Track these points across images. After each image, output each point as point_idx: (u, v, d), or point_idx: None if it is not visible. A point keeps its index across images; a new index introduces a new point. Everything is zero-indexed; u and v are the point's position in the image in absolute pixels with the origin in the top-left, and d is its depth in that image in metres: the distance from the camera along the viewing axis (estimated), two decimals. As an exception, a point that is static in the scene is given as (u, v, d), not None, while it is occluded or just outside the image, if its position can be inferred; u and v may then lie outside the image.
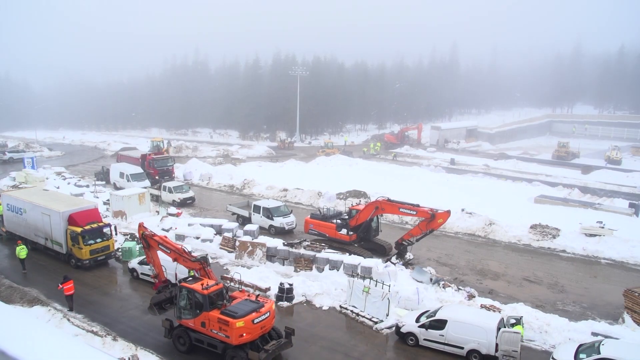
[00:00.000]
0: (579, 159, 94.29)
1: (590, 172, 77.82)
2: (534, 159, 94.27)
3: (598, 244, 40.49)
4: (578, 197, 60.90)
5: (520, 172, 78.50)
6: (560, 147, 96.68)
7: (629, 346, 22.92)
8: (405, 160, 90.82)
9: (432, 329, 24.96)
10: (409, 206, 34.81)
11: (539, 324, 26.70)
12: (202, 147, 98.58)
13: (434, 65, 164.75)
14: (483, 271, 36.07)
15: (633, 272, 36.63)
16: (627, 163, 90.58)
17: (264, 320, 23.18)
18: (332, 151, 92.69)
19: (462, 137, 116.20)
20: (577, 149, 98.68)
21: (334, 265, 33.50)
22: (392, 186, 57.55)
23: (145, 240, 27.76)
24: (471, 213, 46.85)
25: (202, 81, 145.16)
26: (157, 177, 61.85)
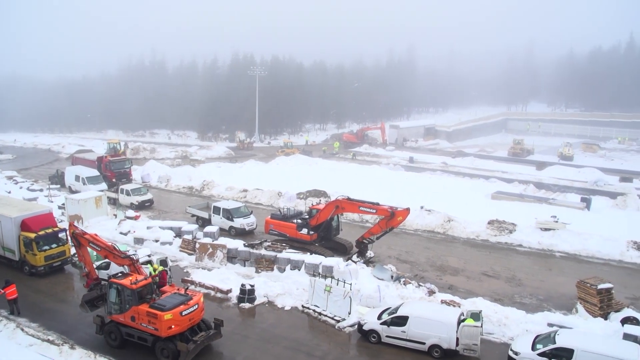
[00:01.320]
0: (533, 155, 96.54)
1: (544, 169, 79.82)
2: (490, 156, 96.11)
3: (552, 238, 41.65)
4: (533, 193, 62.35)
5: (477, 169, 79.91)
6: (515, 145, 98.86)
7: (582, 335, 24.07)
8: (364, 159, 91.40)
9: (394, 326, 25.19)
10: (368, 205, 35.09)
11: (498, 317, 27.31)
12: (160, 148, 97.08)
13: (392, 65, 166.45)
14: (443, 267, 36.62)
15: (585, 264, 37.80)
16: (578, 159, 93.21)
17: (193, 312, 23.85)
18: (292, 151, 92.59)
19: (420, 136, 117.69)
20: (532, 146, 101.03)
21: (295, 265, 33.48)
22: (352, 185, 57.82)
23: (76, 238, 28.04)
24: (430, 210, 47.48)
25: (160, 81, 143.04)
26: (114, 180, 60.66)
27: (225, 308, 29.50)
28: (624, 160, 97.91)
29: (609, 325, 26.43)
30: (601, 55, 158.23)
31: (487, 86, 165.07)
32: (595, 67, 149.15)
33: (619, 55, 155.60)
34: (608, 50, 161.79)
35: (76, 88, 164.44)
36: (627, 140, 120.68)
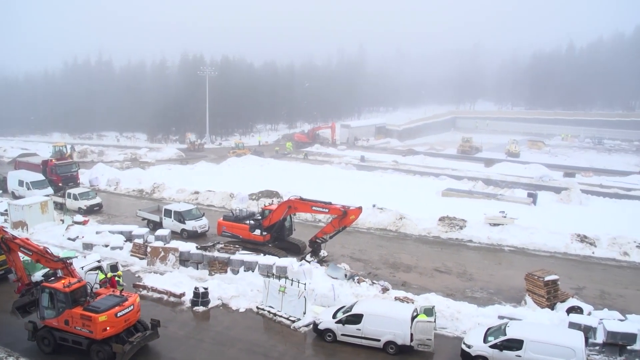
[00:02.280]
0: (481, 153, 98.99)
1: (492, 165, 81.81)
2: (440, 154, 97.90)
3: (501, 233, 42.75)
4: (482, 189, 63.78)
5: (427, 167, 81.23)
6: (464, 142, 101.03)
7: (530, 325, 25.02)
8: (316, 158, 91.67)
9: (348, 324, 25.35)
10: (321, 204, 35.20)
11: (450, 311, 27.85)
12: (108, 151, 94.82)
13: (343, 65, 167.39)
14: (396, 264, 37.06)
15: (533, 257, 38.96)
16: (524, 155, 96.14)
17: (128, 313, 23.69)
18: (243, 152, 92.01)
19: (371, 135, 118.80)
20: (480, 143, 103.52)
21: (249, 267, 33.30)
22: (304, 185, 57.88)
23: (5, 244, 27.27)
24: (382, 208, 47.97)
25: (107, 82, 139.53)
26: (61, 184, 58.89)
27: (179, 312, 29.10)
28: (567, 156, 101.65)
29: (555, 315, 27.47)
30: (543, 56, 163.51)
31: (436, 85, 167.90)
32: (538, 67, 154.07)
33: (560, 56, 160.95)
34: (550, 51, 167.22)
35: (17, 91, 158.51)
36: (569, 137, 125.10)
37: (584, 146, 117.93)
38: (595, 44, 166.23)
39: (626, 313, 27.61)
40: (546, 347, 22.43)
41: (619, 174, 78.48)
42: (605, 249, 40.26)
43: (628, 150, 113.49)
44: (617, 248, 40.08)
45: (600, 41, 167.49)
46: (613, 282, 34.60)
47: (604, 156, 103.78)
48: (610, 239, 41.06)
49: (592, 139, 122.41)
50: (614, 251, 39.87)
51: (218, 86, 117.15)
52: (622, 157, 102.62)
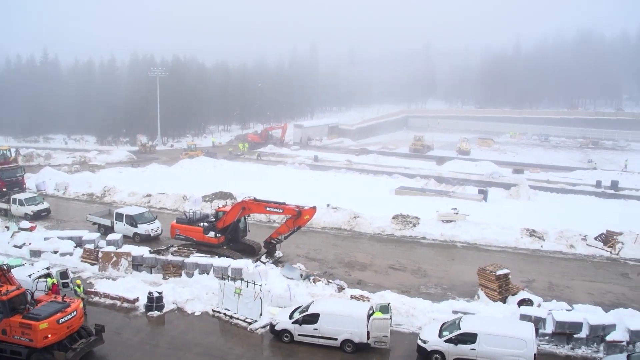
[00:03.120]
0: (433, 151, 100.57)
1: (444, 163, 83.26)
2: (392, 152, 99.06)
3: (454, 229, 43.55)
4: (434, 187, 64.89)
5: (380, 165, 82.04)
6: (416, 141, 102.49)
7: (483, 319, 25.66)
8: (269, 159, 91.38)
9: (305, 324, 25.37)
10: (275, 205, 35.14)
11: (406, 308, 28.19)
12: (55, 154, 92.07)
13: (295, 65, 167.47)
14: (351, 263, 37.27)
15: (484, 253, 39.85)
16: (475, 153, 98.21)
17: (71, 319, 23.12)
18: (196, 153, 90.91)
19: (324, 135, 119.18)
20: (432, 142, 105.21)
21: (203, 269, 32.93)
22: (258, 186, 57.66)
23: None
24: (336, 208, 48.16)
25: (53, 83, 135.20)
26: (5, 190, 56.94)
27: (133, 318, 28.51)
28: (516, 153, 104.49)
29: (507, 308, 28.19)
30: (492, 56, 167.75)
31: (388, 85, 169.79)
32: (487, 67, 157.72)
33: (508, 56, 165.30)
34: (498, 51, 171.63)
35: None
36: (518, 135, 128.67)
37: (532, 143, 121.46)
38: (540, 44, 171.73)
39: (573, 303, 28.62)
40: (499, 339, 23.12)
41: (564, 170, 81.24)
42: (553, 242, 41.54)
43: (572, 146, 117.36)
44: (564, 241, 41.41)
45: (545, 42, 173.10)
46: (560, 274, 35.73)
47: (551, 153, 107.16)
48: (557, 232, 42.41)
49: (539, 136, 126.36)
50: (561, 244, 41.18)
51: (169, 87, 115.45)
52: (568, 154, 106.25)
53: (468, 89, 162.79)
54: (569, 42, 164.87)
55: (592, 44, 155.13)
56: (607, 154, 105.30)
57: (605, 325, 25.26)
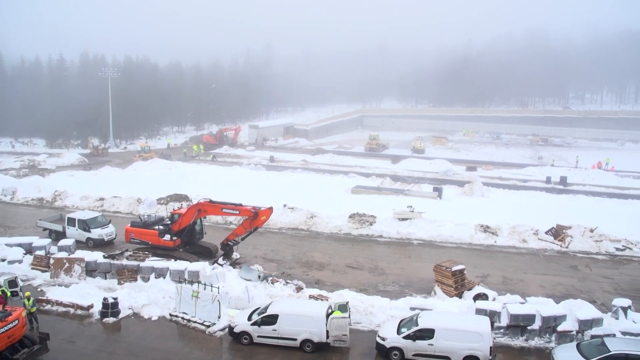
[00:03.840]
0: (388, 150, 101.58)
1: (399, 162, 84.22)
2: (348, 152, 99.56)
3: (409, 227, 44.10)
4: (390, 185, 65.54)
5: (336, 165, 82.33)
6: (371, 140, 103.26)
7: (440, 314, 26.22)
8: (225, 160, 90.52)
9: (264, 325, 25.28)
10: (231, 206, 34.89)
11: (364, 306, 28.39)
12: (2, 158, 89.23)
13: (250, 65, 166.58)
14: (308, 263, 37.32)
15: (440, 249, 40.47)
16: (429, 151, 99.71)
17: (12, 329, 22.28)
18: (150, 155, 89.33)
19: (280, 135, 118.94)
20: (387, 140, 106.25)
21: (160, 273, 32.41)
22: (214, 187, 57.14)
23: None
24: (293, 208, 48.15)
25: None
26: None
27: (87, 325, 27.81)
28: (469, 151, 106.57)
29: (463, 303, 28.77)
30: (444, 55, 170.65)
31: (343, 85, 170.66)
32: (440, 66, 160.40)
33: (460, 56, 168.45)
34: (451, 51, 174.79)
35: None
36: (470, 133, 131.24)
37: (484, 141, 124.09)
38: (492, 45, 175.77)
39: (526, 296, 29.46)
40: (456, 333, 23.65)
41: (516, 167, 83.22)
42: (506, 237, 42.57)
43: (523, 144, 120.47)
44: (516, 236, 42.49)
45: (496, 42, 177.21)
46: (514, 268, 36.64)
47: (502, 150, 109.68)
48: (510, 228, 43.47)
49: (491, 134, 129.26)
50: (513, 239, 42.24)
51: (121, 88, 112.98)
52: (519, 151, 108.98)
53: (422, 88, 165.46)
54: (519, 43, 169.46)
55: (540, 44, 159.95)
56: (556, 151, 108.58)
57: (557, 316, 26.16)
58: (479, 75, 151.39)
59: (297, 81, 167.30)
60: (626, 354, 22.41)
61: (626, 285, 34.05)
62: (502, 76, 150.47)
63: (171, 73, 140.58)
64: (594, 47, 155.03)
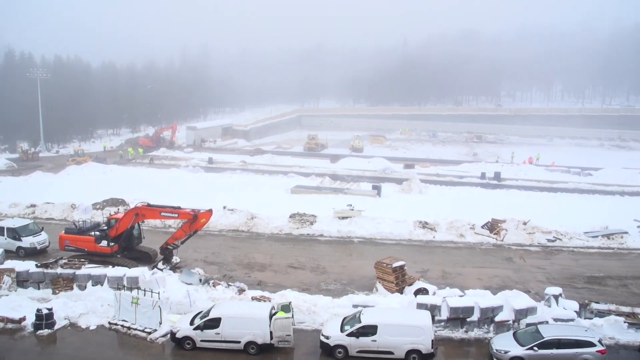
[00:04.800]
0: (327, 149, 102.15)
1: (338, 161, 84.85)
2: (287, 152, 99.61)
3: (350, 225, 44.50)
4: (329, 184, 66.02)
5: (276, 165, 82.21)
6: (310, 140, 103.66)
7: (383, 311, 26.66)
8: (162, 162, 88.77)
9: (207, 329, 24.98)
10: (170, 209, 34.30)
11: (307, 305, 28.46)
12: None
13: (186, 65, 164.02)
14: (250, 264, 37.10)
15: (381, 246, 41.07)
16: (367, 150, 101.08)
17: None
18: (84, 159, 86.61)
19: (218, 136, 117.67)
20: (325, 140, 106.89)
21: (97, 281, 31.43)
22: (152, 190, 55.74)
23: None
24: (233, 209, 47.75)
25: None
26: None
27: (20, 339, 26.55)
28: (406, 149, 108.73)
29: (404, 298, 29.31)
30: (381, 55, 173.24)
31: (281, 85, 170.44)
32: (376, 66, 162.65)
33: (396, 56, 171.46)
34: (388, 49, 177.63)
35: None
36: (407, 131, 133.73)
37: (421, 139, 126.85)
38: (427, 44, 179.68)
39: (464, 289, 30.27)
40: (398, 328, 24.14)
41: (452, 163, 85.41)
42: (444, 232, 43.64)
43: (459, 141, 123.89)
44: (454, 231, 43.62)
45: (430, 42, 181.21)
46: (452, 263, 37.60)
47: (439, 148, 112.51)
48: (448, 223, 44.59)
49: (428, 132, 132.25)
50: (451, 234, 43.36)
51: (52, 89, 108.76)
52: (454, 148, 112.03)
53: (359, 88, 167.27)
54: (452, 42, 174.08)
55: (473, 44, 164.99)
56: (489, 147, 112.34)
57: (494, 307, 27.16)
58: (415, 75, 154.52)
59: (235, 81, 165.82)
60: (558, 339, 23.89)
61: (557, 275, 35.63)
62: (437, 75, 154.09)
63: (105, 73, 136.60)
64: (523, 47, 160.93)
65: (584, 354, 23.55)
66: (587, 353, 23.54)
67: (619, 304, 29.41)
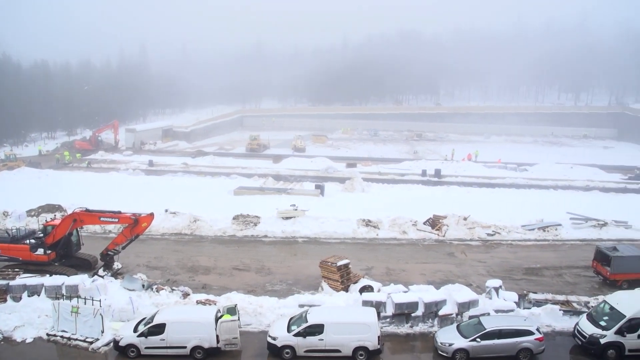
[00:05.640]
0: (269, 149, 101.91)
1: (280, 161, 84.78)
2: (229, 153, 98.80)
3: (294, 225, 44.56)
4: (272, 185, 65.87)
5: (218, 167, 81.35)
6: (252, 140, 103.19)
7: (329, 309, 26.91)
8: (101, 166, 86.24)
9: (152, 336, 24.54)
10: (109, 214, 33.40)
11: (253, 307, 28.38)
12: None
13: (124, 65, 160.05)
14: (194, 268, 36.58)
15: (325, 245, 41.29)
16: (310, 150, 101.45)
17: None
18: (16, 164, 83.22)
19: (158, 138, 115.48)
20: (267, 140, 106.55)
21: (33, 291, 30.18)
22: (90, 195, 54.29)
23: None
24: (175, 212, 46.99)
25: None
26: None
27: (-53, 357, 25.37)
28: (348, 148, 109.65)
29: (350, 296, 29.63)
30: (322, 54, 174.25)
31: (222, 85, 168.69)
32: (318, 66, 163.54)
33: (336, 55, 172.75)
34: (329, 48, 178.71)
35: None
36: (349, 130, 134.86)
37: (363, 138, 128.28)
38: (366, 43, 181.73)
39: (408, 285, 30.83)
40: (344, 326, 24.44)
41: (393, 162, 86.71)
42: (387, 230, 44.27)
43: (399, 139, 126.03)
44: (397, 228, 44.32)
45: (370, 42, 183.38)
46: (396, 259, 38.20)
47: (380, 146, 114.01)
48: (390, 220, 45.27)
49: (369, 131, 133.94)
50: (394, 231, 44.05)
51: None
52: (395, 146, 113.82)
53: (301, 87, 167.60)
54: (392, 42, 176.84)
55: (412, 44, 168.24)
56: (430, 145, 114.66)
57: (437, 301, 27.84)
58: (356, 74, 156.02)
59: (175, 82, 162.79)
60: (499, 329, 24.90)
61: (497, 267, 36.82)
62: (378, 75, 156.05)
63: (37, 74, 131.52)
64: (460, 48, 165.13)
65: (524, 342, 24.64)
66: (526, 341, 24.65)
67: (554, 293, 30.94)
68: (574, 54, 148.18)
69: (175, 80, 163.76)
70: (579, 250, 41.21)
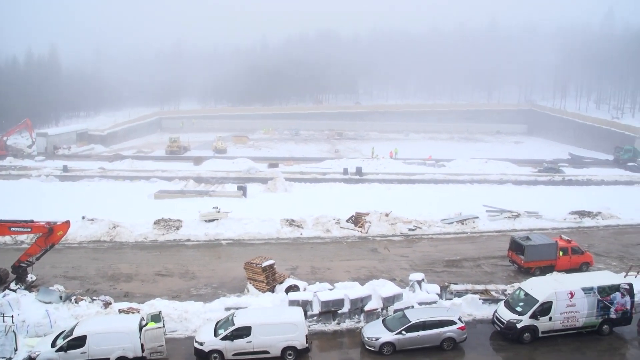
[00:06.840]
0: (190, 151, 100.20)
1: (201, 163, 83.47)
2: (148, 156, 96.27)
3: (217, 228, 44.15)
4: (194, 187, 64.84)
5: (136, 170, 79.05)
6: (172, 143, 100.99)
7: (255, 311, 26.89)
8: (10, 173, 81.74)
9: (71, 349, 23.73)
10: (21, 224, 31.78)
11: (178, 313, 27.96)
12: None
13: (32, 66, 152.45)
14: (115, 276, 35.48)
15: (249, 247, 41.19)
16: (231, 151, 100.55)
17: None
18: None
19: (73, 142, 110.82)
20: (187, 142, 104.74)
21: (-62, 308, 28.41)
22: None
23: None
24: (93, 219, 45.37)
25: None
26: None
27: None
28: (270, 148, 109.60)
29: (276, 296, 29.81)
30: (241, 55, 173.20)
31: (140, 87, 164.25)
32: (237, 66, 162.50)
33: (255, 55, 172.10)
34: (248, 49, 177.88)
35: None
36: (270, 131, 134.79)
37: (284, 138, 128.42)
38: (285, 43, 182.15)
39: (334, 282, 31.32)
40: (272, 327, 24.56)
41: (315, 161, 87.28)
42: (311, 229, 44.66)
43: (320, 138, 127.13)
44: (320, 227, 44.76)
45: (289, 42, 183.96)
46: (320, 258, 38.63)
47: (301, 146, 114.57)
48: (314, 219, 45.67)
49: (290, 131, 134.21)
50: (318, 230, 44.49)
51: None
52: (317, 145, 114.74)
53: (220, 88, 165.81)
54: (311, 42, 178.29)
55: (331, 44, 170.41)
56: (350, 144, 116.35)
57: (363, 297, 28.48)
58: (276, 74, 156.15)
59: (89, 84, 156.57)
60: (423, 321, 25.83)
61: (419, 261, 37.98)
62: (298, 75, 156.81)
63: None
64: (378, 48, 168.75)
65: (447, 332, 25.74)
66: (449, 331, 25.77)
67: (474, 283, 32.43)
68: (486, 54, 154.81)
69: (90, 82, 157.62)
70: (495, 241, 43.17)
